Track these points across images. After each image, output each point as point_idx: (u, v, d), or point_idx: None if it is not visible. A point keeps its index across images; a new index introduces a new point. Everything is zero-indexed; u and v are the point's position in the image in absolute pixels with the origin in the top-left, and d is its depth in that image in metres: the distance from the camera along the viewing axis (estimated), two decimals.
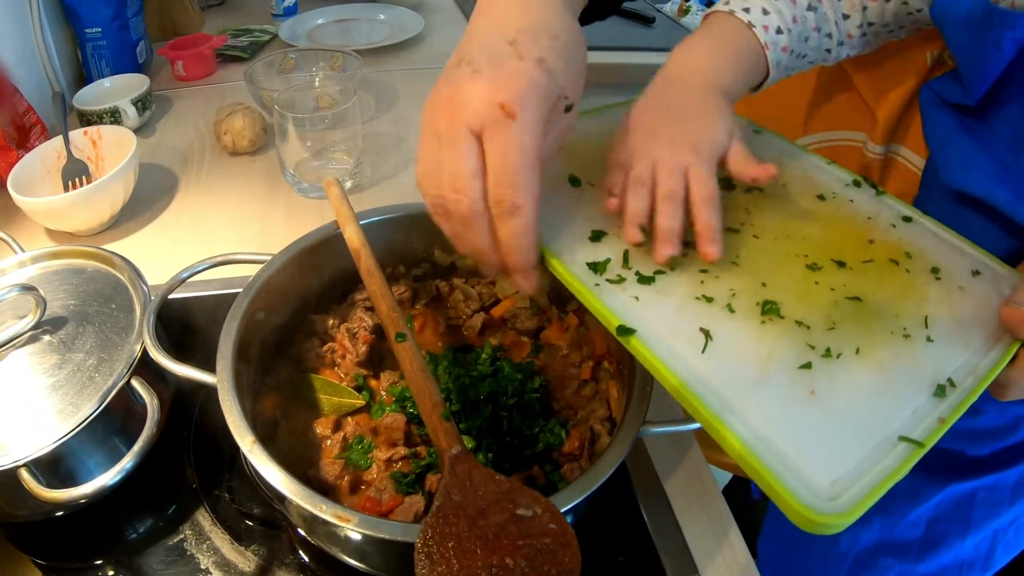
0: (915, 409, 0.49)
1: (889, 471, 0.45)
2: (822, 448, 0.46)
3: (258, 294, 0.68)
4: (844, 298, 0.57)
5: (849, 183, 0.72)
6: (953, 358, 0.53)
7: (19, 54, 1.24)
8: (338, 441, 0.66)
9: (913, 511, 0.96)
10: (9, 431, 0.61)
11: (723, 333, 0.53)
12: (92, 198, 0.98)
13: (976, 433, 0.91)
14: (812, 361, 0.51)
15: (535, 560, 0.46)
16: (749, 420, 0.47)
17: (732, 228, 0.64)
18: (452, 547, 0.46)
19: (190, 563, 0.66)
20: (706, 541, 0.70)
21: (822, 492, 0.43)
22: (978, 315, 0.57)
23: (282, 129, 1.06)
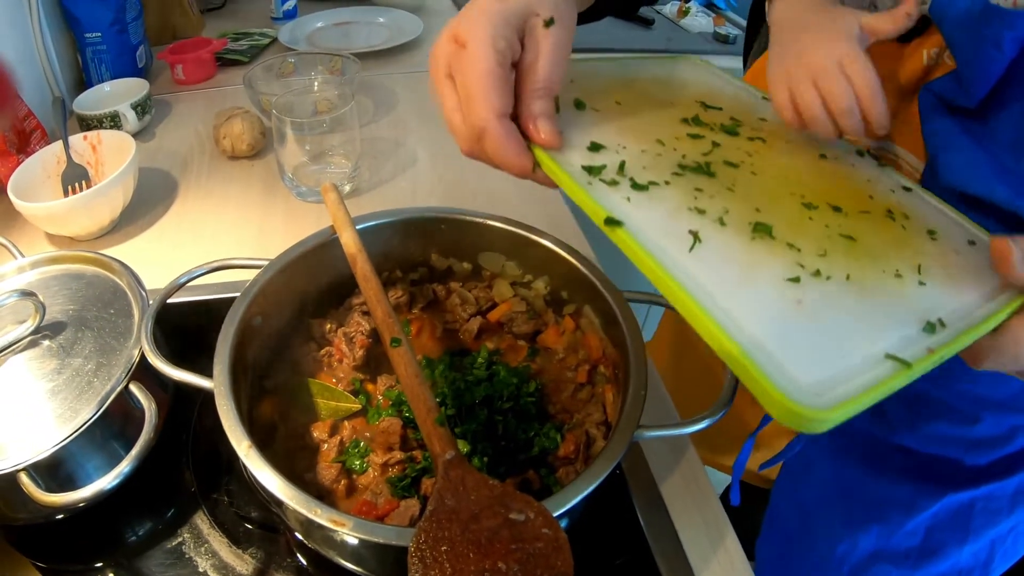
0: (903, 336, 0.48)
1: (875, 382, 0.44)
2: (806, 351, 0.45)
3: (255, 299, 0.69)
4: (837, 235, 0.56)
5: (852, 151, 0.72)
6: (945, 303, 0.52)
7: (19, 58, 1.25)
8: (335, 445, 0.67)
9: (911, 520, 0.96)
10: (8, 435, 0.62)
11: (712, 240, 0.52)
12: (92, 203, 0.99)
13: (973, 442, 0.92)
14: (801, 276, 0.51)
15: (528, 564, 0.47)
16: (732, 314, 0.46)
17: (731, 163, 0.64)
18: (445, 551, 0.47)
19: (188, 566, 0.66)
20: (702, 545, 0.71)
21: (806, 388, 0.42)
22: (973, 276, 0.56)
23: (280, 133, 1.07)
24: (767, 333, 0.46)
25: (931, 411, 0.90)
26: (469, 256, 0.84)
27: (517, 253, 0.81)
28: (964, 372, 0.79)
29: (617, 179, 0.57)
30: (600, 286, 0.71)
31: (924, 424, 0.92)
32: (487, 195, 1.17)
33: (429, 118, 1.40)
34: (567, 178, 0.56)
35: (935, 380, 0.83)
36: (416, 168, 1.24)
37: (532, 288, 0.82)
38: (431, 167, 1.24)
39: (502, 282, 0.83)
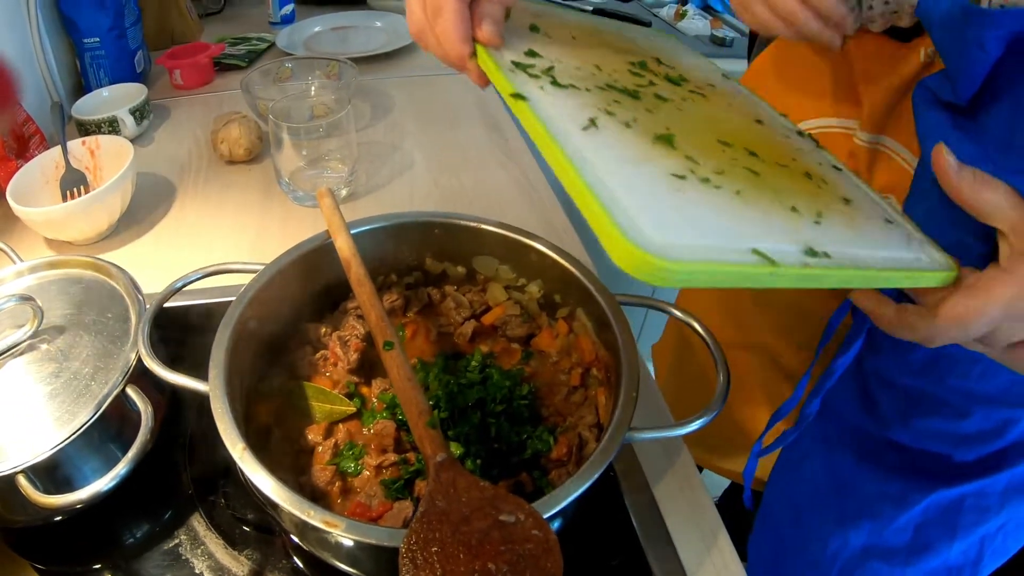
0: (779, 248, 0.46)
1: (730, 262, 0.42)
2: (666, 215, 0.44)
3: (250, 303, 0.70)
4: (743, 167, 0.55)
5: (793, 131, 0.71)
6: (836, 242, 0.50)
7: (19, 64, 1.26)
8: (329, 447, 0.68)
9: (902, 516, 0.97)
10: (7, 438, 0.63)
11: (610, 130, 0.52)
12: (90, 208, 1.00)
13: (963, 437, 0.93)
14: (687, 176, 0.50)
15: (517, 565, 0.48)
16: (600, 173, 0.46)
17: (661, 96, 0.64)
18: (436, 552, 0.48)
19: (185, 567, 0.67)
20: (695, 547, 0.72)
21: (650, 236, 0.41)
22: (879, 238, 0.55)
23: (277, 138, 1.08)
24: (632, 194, 0.45)
25: (923, 405, 0.92)
26: (463, 260, 0.85)
27: (511, 257, 0.82)
28: (954, 366, 0.85)
29: (540, 75, 0.58)
30: (593, 290, 0.72)
31: (916, 418, 0.93)
32: (483, 199, 1.18)
33: (426, 122, 1.41)
34: (492, 64, 0.58)
35: (926, 374, 0.87)
36: (412, 172, 1.25)
37: (526, 292, 0.83)
38: (427, 171, 1.26)
39: (496, 286, 0.84)
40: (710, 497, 0.78)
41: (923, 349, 0.86)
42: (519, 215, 1.14)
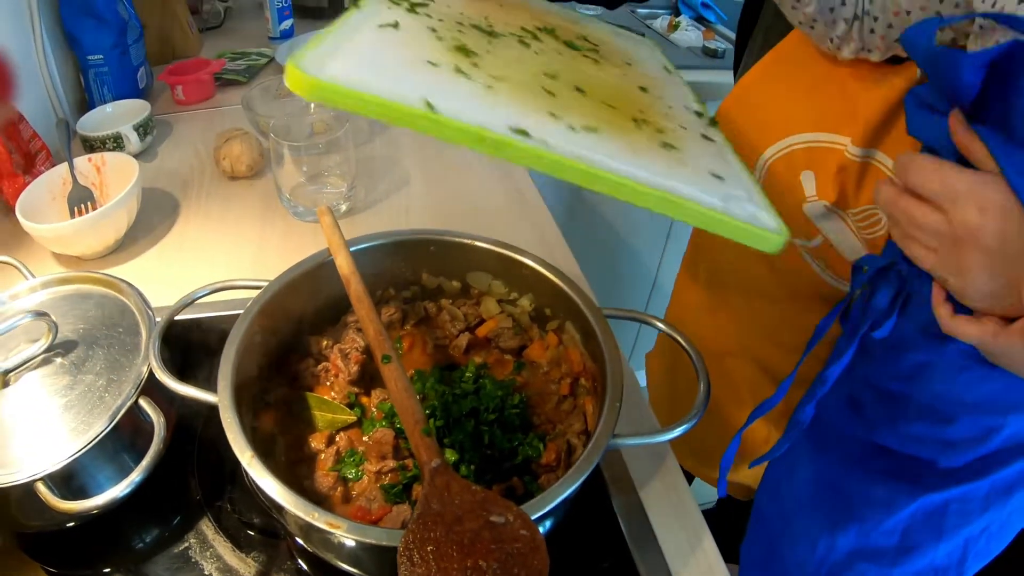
0: (479, 118, 0.51)
1: (384, 96, 0.47)
2: (358, 62, 0.49)
3: (256, 318, 0.74)
4: (540, 87, 0.58)
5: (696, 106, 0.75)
6: (598, 149, 0.54)
7: (24, 82, 1.30)
8: (331, 455, 0.72)
9: (889, 519, 0.99)
10: (25, 448, 0.67)
11: (413, 33, 0.56)
12: (97, 224, 1.04)
13: (949, 443, 0.95)
14: (441, 65, 0.54)
15: (506, 563, 0.52)
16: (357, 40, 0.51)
17: (525, 43, 0.66)
18: (431, 551, 0.52)
19: (194, 570, 0.71)
20: (681, 548, 0.76)
21: (323, 70, 0.47)
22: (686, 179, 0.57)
23: (278, 155, 1.12)
24: (356, 50, 0.50)
25: (910, 410, 0.93)
26: (458, 275, 0.89)
27: (503, 272, 0.86)
28: (940, 373, 0.87)
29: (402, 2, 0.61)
30: (580, 303, 0.76)
31: (902, 423, 0.95)
32: (478, 214, 1.22)
33: (423, 139, 1.44)
34: None
35: (914, 380, 0.89)
36: (410, 187, 1.29)
37: (518, 305, 0.87)
38: (424, 186, 1.30)
39: (489, 299, 0.88)
40: (695, 501, 0.81)
41: (912, 355, 0.89)
42: (513, 230, 1.18)
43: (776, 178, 1.00)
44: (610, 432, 0.63)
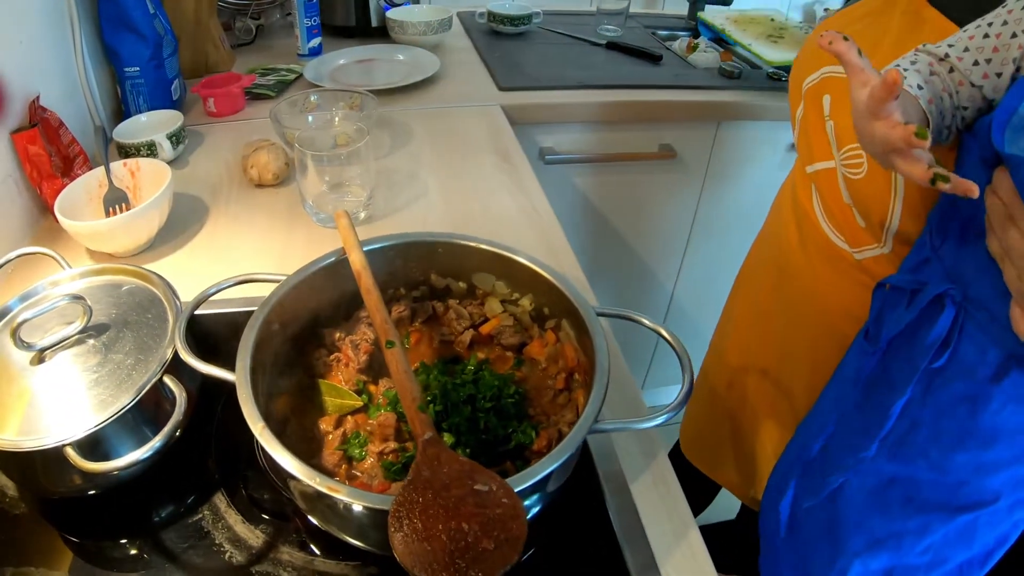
0: None
1: None
2: None
3: (273, 308, 0.81)
4: None
5: None
6: None
7: (64, 90, 1.39)
8: (338, 436, 0.78)
9: (921, 542, 1.01)
10: (58, 417, 0.74)
11: None
12: (131, 224, 1.12)
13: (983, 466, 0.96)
14: None
15: (487, 526, 0.58)
16: None
17: None
18: (419, 513, 0.58)
19: (206, 538, 0.78)
20: (667, 539, 0.80)
21: None
22: None
23: (302, 165, 1.20)
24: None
25: (944, 439, 0.95)
26: (464, 276, 0.95)
27: (505, 274, 0.92)
28: (987, 405, 0.89)
29: None
30: (574, 302, 0.82)
31: (935, 451, 0.96)
32: (491, 223, 1.29)
33: (441, 152, 1.53)
34: None
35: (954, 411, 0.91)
36: (427, 198, 1.36)
37: (519, 305, 0.93)
38: (441, 197, 1.37)
39: (493, 299, 0.94)
40: (683, 496, 0.86)
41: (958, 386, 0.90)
42: (523, 238, 1.24)
43: (810, 101, 1.09)
44: (594, 415, 0.68)
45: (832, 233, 1.08)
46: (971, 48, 0.85)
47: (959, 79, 0.85)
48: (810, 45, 1.16)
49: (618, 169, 1.96)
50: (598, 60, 2.06)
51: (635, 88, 1.88)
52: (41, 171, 1.21)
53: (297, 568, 0.75)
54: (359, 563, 0.76)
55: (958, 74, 0.85)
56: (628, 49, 2.11)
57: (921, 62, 0.84)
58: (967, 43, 0.85)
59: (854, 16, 1.07)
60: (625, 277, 2.25)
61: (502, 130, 1.64)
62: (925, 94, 0.80)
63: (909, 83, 0.80)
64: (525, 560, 0.77)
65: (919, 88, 0.81)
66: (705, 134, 1.93)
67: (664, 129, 1.90)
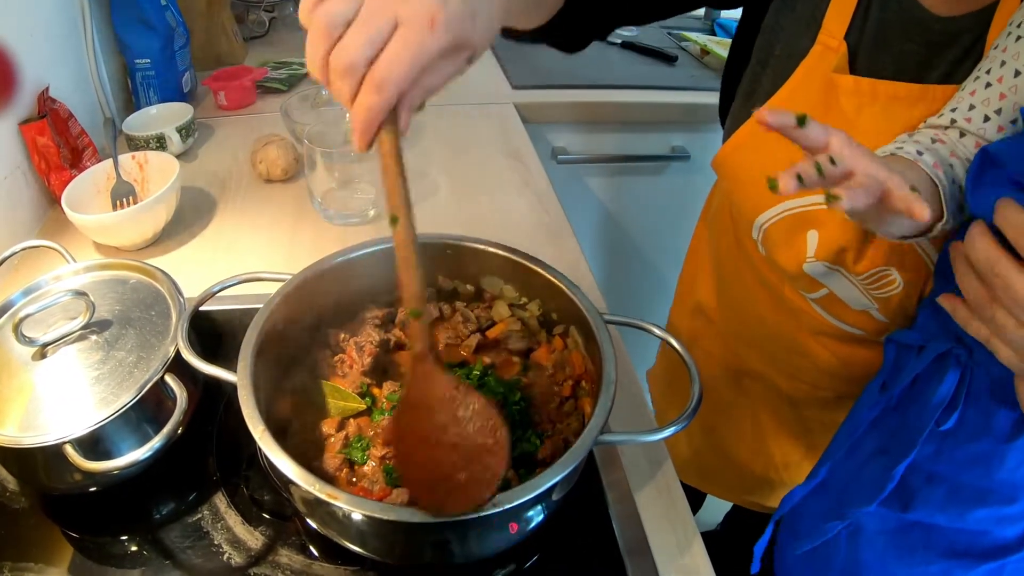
0: None
1: None
2: None
3: (278, 307, 0.80)
4: None
5: None
6: None
7: (75, 81, 1.40)
8: (341, 439, 0.78)
9: None
10: (57, 414, 0.74)
11: None
12: (138, 217, 1.12)
13: (1006, 518, 0.95)
14: None
15: (467, 457, 0.62)
16: None
17: None
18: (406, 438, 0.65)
19: (205, 539, 0.77)
20: (670, 550, 0.80)
21: None
22: None
23: (311, 161, 1.20)
24: None
25: (964, 494, 0.93)
26: (472, 279, 0.94)
27: (514, 277, 0.91)
28: (1004, 462, 0.87)
29: None
30: (583, 309, 0.81)
31: (955, 506, 0.95)
32: (501, 224, 1.29)
33: (452, 151, 1.53)
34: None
35: (971, 468, 0.89)
36: (437, 197, 1.36)
37: (527, 309, 0.92)
38: (451, 196, 1.37)
39: (501, 303, 0.93)
40: (688, 507, 0.85)
41: (973, 445, 0.88)
42: (533, 240, 1.24)
43: (774, 238, 1.03)
44: (600, 426, 0.68)
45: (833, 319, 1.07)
46: (977, 104, 0.81)
47: (975, 142, 0.81)
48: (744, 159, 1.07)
49: (630, 170, 1.96)
50: (613, 59, 2.07)
51: (648, 88, 1.88)
52: (49, 162, 1.22)
53: (296, 572, 0.75)
54: (358, 568, 0.75)
55: (971, 137, 0.81)
56: (643, 49, 2.11)
57: (922, 135, 0.80)
58: (970, 100, 0.81)
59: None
60: (637, 280, 2.25)
61: (514, 129, 1.64)
62: (928, 159, 0.76)
63: (907, 151, 0.76)
64: (529, 566, 0.78)
65: (919, 154, 0.76)
66: (718, 137, 1.92)
67: (676, 131, 1.90)
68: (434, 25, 0.57)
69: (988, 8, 0.83)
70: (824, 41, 0.92)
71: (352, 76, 0.58)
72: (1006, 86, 0.78)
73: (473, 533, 0.69)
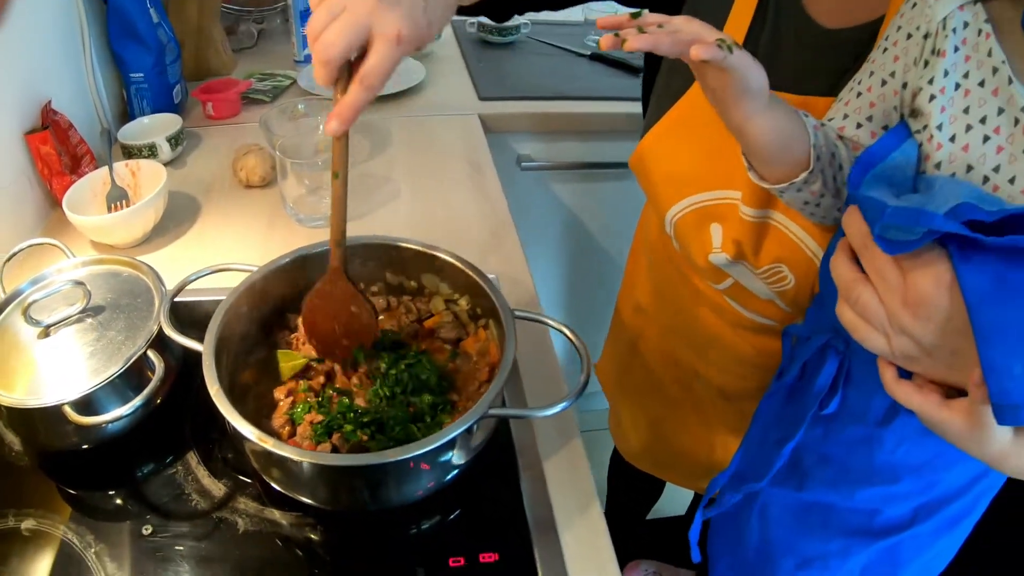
0: None
1: None
2: None
3: (243, 293, 0.99)
4: None
5: None
6: None
7: (74, 94, 1.58)
8: (288, 404, 0.96)
9: (847, 563, 1.11)
10: (58, 382, 0.93)
11: None
12: (130, 219, 1.31)
13: (893, 497, 1.04)
14: None
15: (348, 331, 0.98)
16: None
17: None
18: (315, 312, 0.97)
19: (178, 488, 0.96)
20: (570, 511, 0.95)
21: None
22: None
23: (283, 170, 1.38)
24: None
25: (852, 475, 1.03)
26: (415, 276, 1.12)
27: (448, 277, 1.09)
28: (882, 445, 0.96)
29: None
30: (496, 304, 0.98)
31: (845, 486, 1.04)
32: (453, 227, 1.47)
33: (417, 159, 1.71)
34: None
35: (855, 450, 0.99)
36: (398, 201, 1.54)
37: (459, 304, 1.10)
38: (411, 202, 1.55)
39: (438, 298, 1.11)
40: (591, 476, 1.01)
41: (854, 429, 0.98)
42: (482, 242, 1.42)
43: (683, 231, 1.14)
44: (489, 401, 0.84)
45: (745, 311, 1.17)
46: (850, 113, 0.87)
47: (854, 145, 0.87)
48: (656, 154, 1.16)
49: (593, 176, 2.11)
50: (581, 71, 2.21)
51: (611, 100, 2.02)
52: (51, 168, 1.39)
53: (250, 515, 0.93)
54: (300, 514, 0.93)
55: (850, 142, 0.88)
56: (610, 61, 2.25)
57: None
58: (844, 109, 0.88)
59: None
60: (599, 279, 2.38)
61: (476, 139, 1.81)
62: (812, 120, 0.84)
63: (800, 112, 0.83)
64: (452, 519, 0.96)
65: (805, 116, 0.83)
66: None
67: (637, 139, 2.03)
68: (400, 41, 0.78)
69: (874, 22, 0.90)
70: None
71: (327, 67, 0.78)
72: (875, 95, 0.84)
73: (382, 477, 0.86)
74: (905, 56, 0.80)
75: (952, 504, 1.06)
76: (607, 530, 0.94)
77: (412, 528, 0.95)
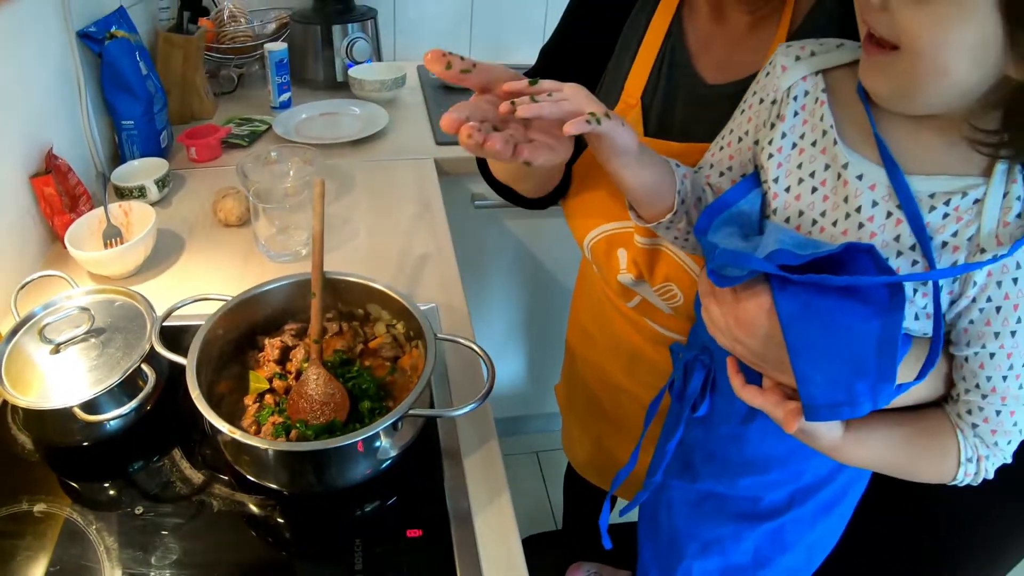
0: None
1: None
2: None
3: (220, 318, 1.23)
4: None
5: None
6: None
7: (72, 139, 1.79)
8: (255, 408, 1.20)
9: (740, 545, 1.21)
10: (65, 390, 1.16)
11: None
12: (123, 255, 1.54)
13: (769, 485, 1.14)
14: None
15: (325, 408, 1.16)
16: None
17: None
18: (299, 396, 1.15)
19: (164, 477, 1.19)
20: (482, 499, 1.14)
21: None
22: None
23: (255, 212, 1.61)
24: None
25: (730, 467, 1.14)
26: (361, 305, 1.36)
27: (388, 305, 1.32)
28: (748, 441, 1.08)
29: None
30: (423, 328, 1.22)
31: (726, 477, 1.15)
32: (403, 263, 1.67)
33: (375, 201, 1.91)
34: None
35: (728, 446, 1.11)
36: (356, 241, 1.75)
37: (397, 328, 1.34)
38: (368, 240, 1.75)
39: (380, 323, 1.35)
40: (504, 471, 1.20)
41: (724, 428, 1.08)
42: (426, 276, 1.63)
43: (597, 255, 1.27)
44: (408, 406, 1.07)
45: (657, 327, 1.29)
46: (715, 163, 0.99)
47: (717, 190, 0.97)
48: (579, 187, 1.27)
49: (542, 213, 2.23)
50: None
51: None
52: (53, 208, 1.61)
53: (223, 498, 1.17)
54: (263, 497, 1.16)
55: (716, 188, 0.98)
56: None
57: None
58: (710, 159, 0.99)
59: None
60: (550, 309, 2.56)
61: (430, 182, 2.01)
62: (682, 170, 0.94)
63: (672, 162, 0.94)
64: (390, 504, 1.18)
65: (677, 166, 0.94)
66: None
67: None
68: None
69: (749, 78, 0.99)
70: (625, 100, 1.13)
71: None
72: (733, 149, 0.96)
73: (326, 462, 1.09)
74: (757, 118, 0.92)
75: (823, 490, 1.17)
76: (513, 515, 1.11)
77: (356, 511, 1.15)
